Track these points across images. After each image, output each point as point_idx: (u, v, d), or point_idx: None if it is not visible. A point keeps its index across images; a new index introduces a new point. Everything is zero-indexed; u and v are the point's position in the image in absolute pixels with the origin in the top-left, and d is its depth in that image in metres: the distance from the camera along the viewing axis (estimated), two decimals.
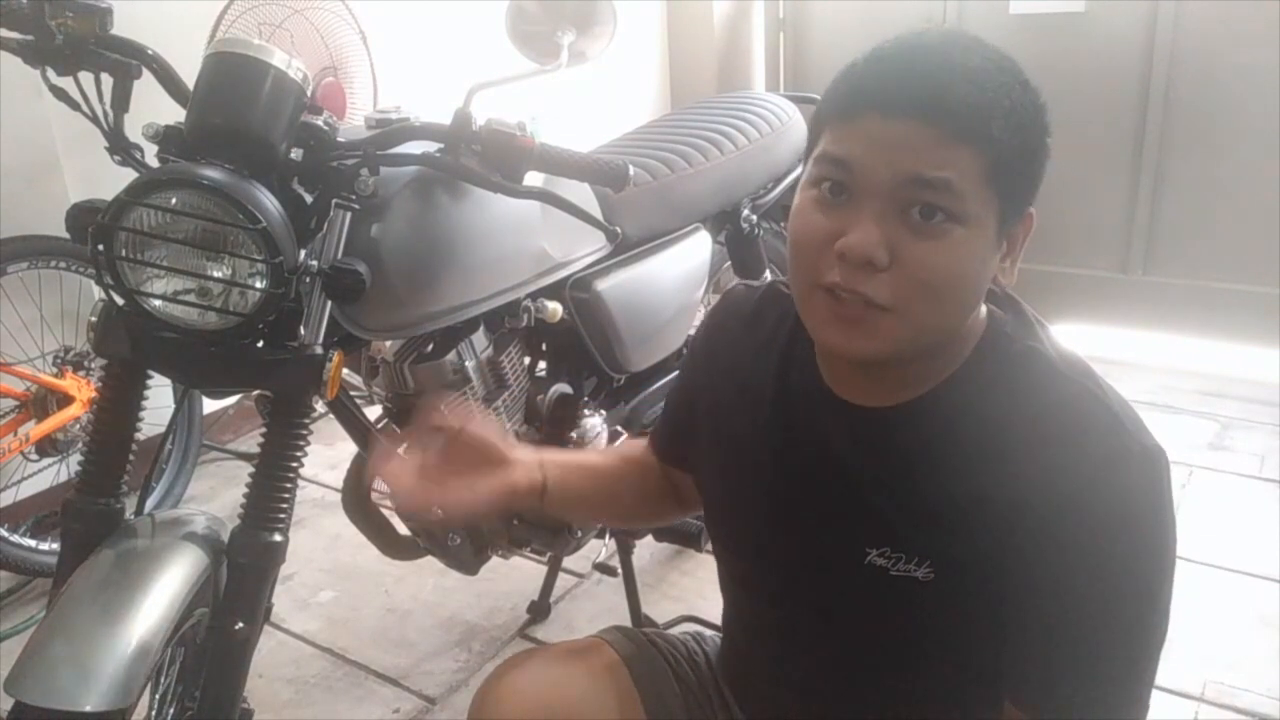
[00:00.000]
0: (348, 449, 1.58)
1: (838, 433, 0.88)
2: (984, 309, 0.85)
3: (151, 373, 1.18)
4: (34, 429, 2.11)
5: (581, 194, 1.57)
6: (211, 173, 1.04)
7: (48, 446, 2.15)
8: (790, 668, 0.99)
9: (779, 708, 1.02)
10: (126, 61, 1.19)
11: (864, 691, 0.94)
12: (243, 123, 1.08)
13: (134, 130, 1.17)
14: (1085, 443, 0.77)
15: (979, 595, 0.82)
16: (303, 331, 1.13)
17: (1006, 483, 0.78)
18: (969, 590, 0.82)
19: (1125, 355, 3.24)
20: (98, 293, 1.11)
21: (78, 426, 2.16)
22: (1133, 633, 0.79)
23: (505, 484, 1.00)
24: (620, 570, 1.91)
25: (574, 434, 1.69)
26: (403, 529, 1.68)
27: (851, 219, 0.75)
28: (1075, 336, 3.37)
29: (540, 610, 2.04)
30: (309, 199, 1.16)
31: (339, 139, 1.18)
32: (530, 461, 1.04)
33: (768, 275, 2.07)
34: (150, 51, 1.21)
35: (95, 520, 1.13)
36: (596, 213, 1.62)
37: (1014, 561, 0.79)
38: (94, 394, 2.08)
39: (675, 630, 1.23)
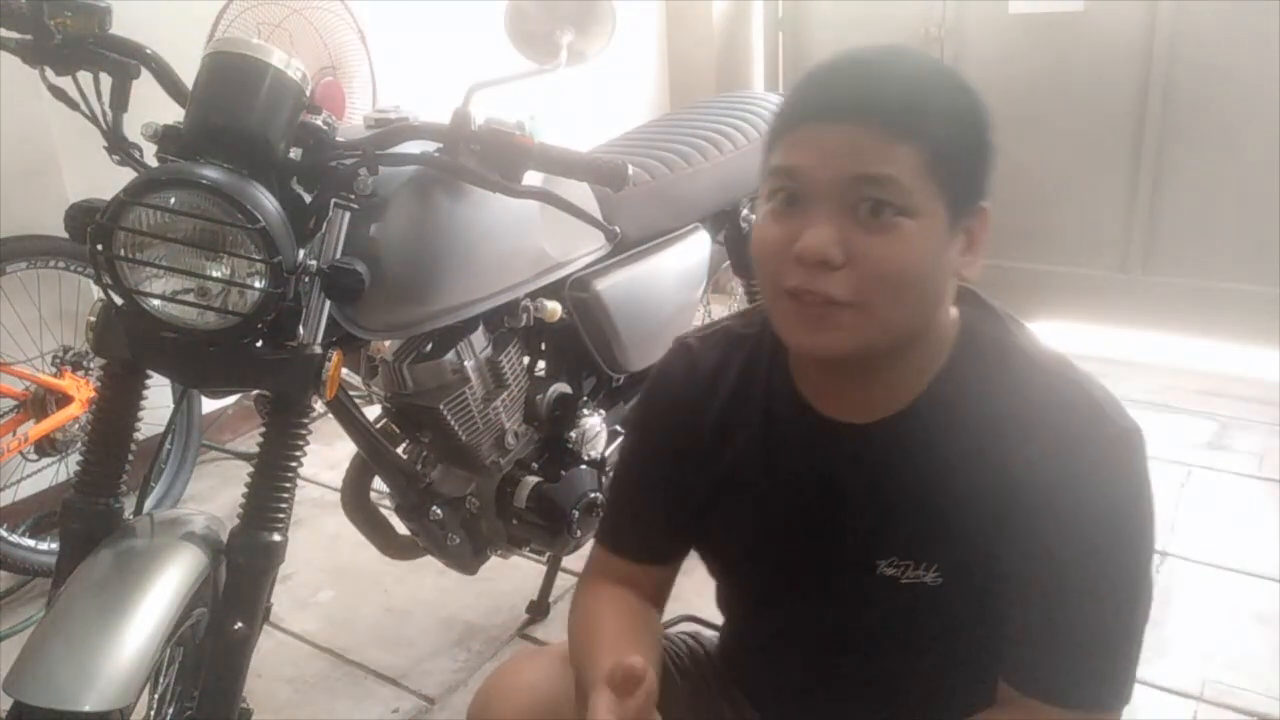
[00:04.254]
0: (347, 449, 1.58)
1: (833, 454, 0.90)
2: (955, 311, 0.88)
3: (150, 372, 1.18)
4: (33, 429, 2.11)
5: (580, 194, 1.57)
6: (210, 172, 1.04)
7: (47, 446, 2.15)
8: (792, 667, 1.02)
9: (780, 700, 1.05)
10: (125, 61, 1.19)
11: (864, 684, 0.98)
12: (241, 122, 1.08)
13: (133, 130, 1.17)
14: (1067, 429, 0.81)
15: (984, 591, 0.86)
16: (301, 331, 1.13)
17: (998, 478, 0.83)
18: (975, 588, 0.86)
19: (1125, 355, 3.23)
20: (97, 292, 1.11)
21: (76, 426, 2.16)
22: (1123, 608, 0.83)
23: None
24: None
25: (573, 434, 1.70)
26: (402, 529, 1.68)
27: (805, 224, 0.79)
28: (1075, 336, 3.37)
29: (539, 610, 2.04)
30: (308, 199, 1.16)
31: (338, 138, 1.18)
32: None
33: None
34: (149, 51, 1.21)
35: (94, 520, 1.13)
36: (595, 212, 1.62)
37: (1012, 551, 0.83)
38: (93, 394, 2.08)
39: (674, 630, 1.23)
